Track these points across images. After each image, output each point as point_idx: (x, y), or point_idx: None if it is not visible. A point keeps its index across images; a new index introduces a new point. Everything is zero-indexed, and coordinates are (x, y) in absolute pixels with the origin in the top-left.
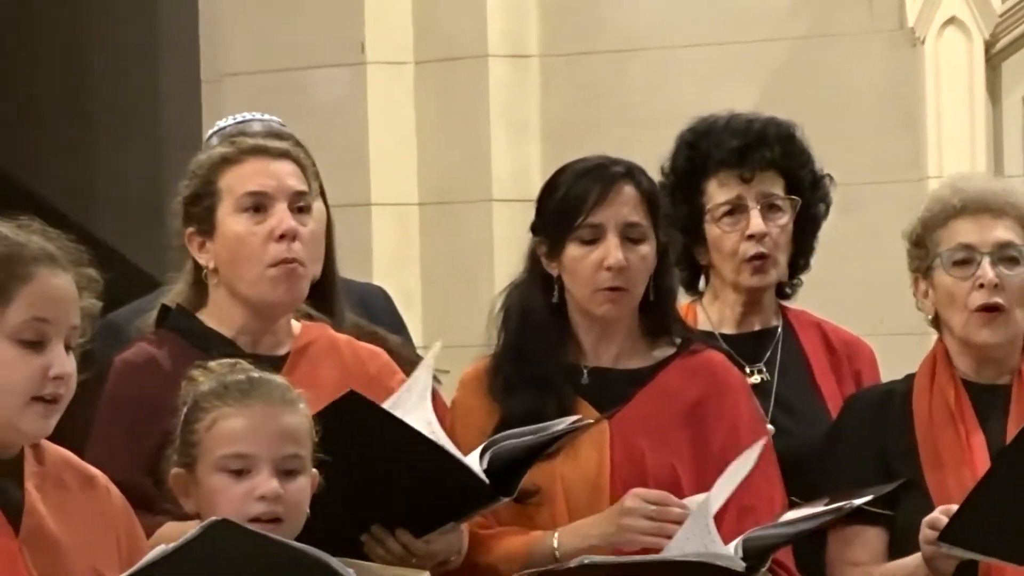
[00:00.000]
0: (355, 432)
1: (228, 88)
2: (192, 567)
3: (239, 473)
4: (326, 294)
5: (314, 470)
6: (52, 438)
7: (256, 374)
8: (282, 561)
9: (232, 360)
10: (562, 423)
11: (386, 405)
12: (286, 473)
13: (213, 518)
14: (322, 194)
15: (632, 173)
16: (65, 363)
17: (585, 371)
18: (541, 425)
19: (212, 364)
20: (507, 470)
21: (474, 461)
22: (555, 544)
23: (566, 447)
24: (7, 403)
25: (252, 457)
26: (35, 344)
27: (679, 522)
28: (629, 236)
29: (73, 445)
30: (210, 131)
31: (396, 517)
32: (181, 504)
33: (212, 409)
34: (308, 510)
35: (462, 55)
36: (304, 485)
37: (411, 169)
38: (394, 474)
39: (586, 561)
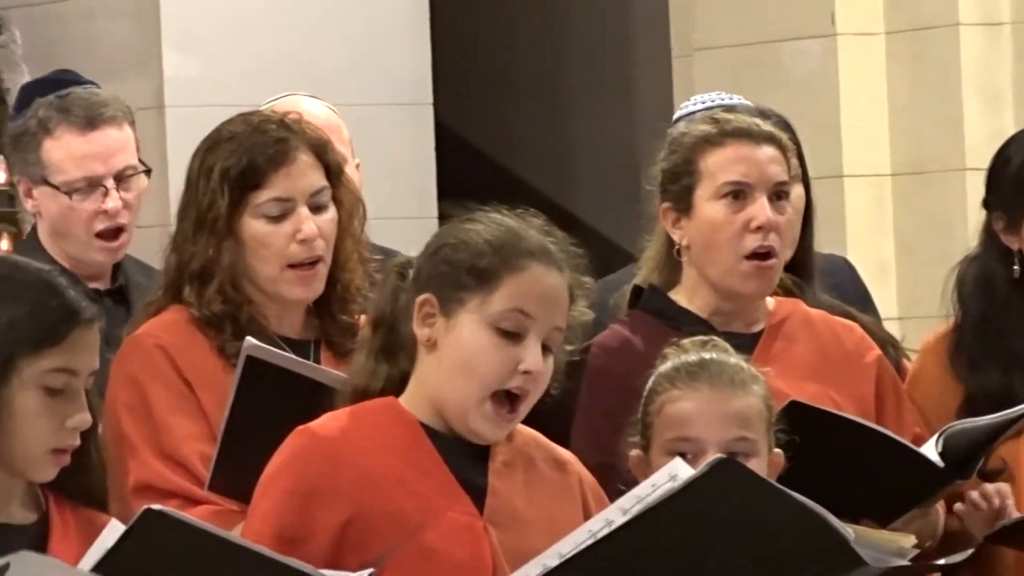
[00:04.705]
0: (805, 434)
1: (699, 62)
2: (697, 505)
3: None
4: (800, 275)
5: (777, 450)
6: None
7: (708, 355)
8: (782, 511)
9: (706, 337)
10: None
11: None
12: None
13: (720, 455)
14: (804, 174)
15: None
16: (539, 361)
17: None
18: (1008, 411)
19: (684, 342)
20: (968, 452)
21: (928, 445)
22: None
23: None
24: (471, 390)
25: (697, 441)
26: (512, 335)
27: None
28: None
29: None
30: (678, 113)
31: (858, 508)
32: None
33: (663, 391)
34: None
35: (933, 24)
36: (757, 468)
37: (884, 139)
38: (848, 466)
39: None
